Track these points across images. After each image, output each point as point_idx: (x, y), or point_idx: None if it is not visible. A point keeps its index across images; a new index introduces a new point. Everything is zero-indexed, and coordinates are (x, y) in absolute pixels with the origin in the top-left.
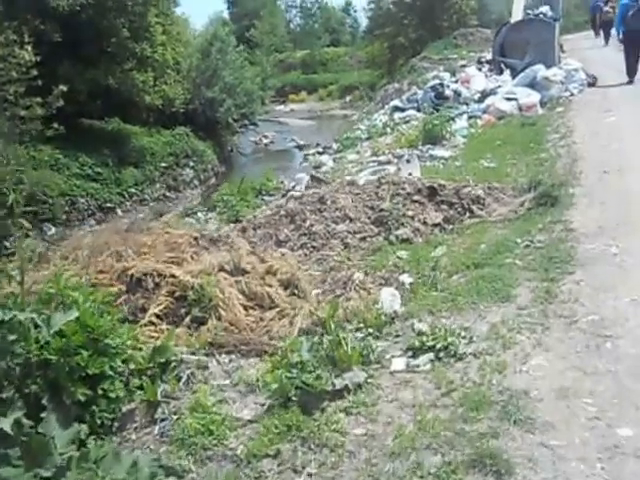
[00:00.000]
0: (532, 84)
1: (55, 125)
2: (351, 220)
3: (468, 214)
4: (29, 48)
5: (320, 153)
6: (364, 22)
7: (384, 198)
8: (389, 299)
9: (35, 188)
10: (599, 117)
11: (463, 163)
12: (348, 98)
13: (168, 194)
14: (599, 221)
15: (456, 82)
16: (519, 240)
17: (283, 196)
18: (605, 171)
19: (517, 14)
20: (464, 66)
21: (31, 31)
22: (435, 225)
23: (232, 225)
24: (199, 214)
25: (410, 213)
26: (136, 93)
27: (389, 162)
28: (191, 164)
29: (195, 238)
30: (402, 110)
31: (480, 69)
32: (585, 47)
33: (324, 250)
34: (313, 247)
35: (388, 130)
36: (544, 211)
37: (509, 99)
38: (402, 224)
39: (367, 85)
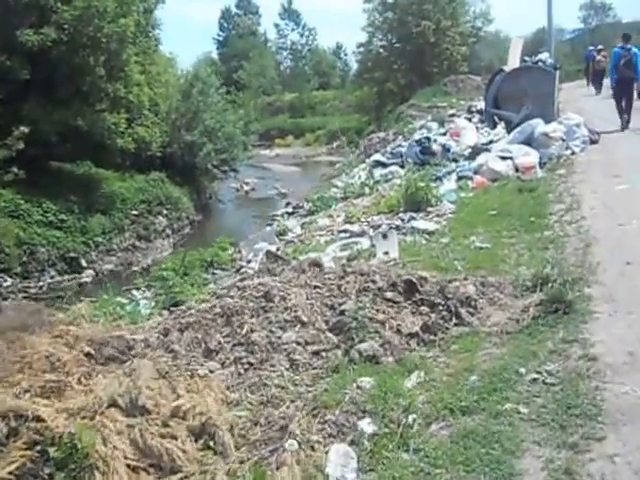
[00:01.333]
0: (529, 140)
1: (14, 169)
2: (303, 324)
3: (455, 320)
4: None
5: (290, 214)
6: (355, 65)
7: (349, 294)
8: (339, 466)
9: None
10: (608, 183)
11: (450, 240)
12: (335, 144)
13: (138, 244)
14: (628, 342)
15: (444, 134)
16: (523, 370)
17: (237, 271)
18: (628, 262)
19: (513, 61)
20: (453, 115)
21: None
22: (412, 335)
23: (165, 314)
24: (136, 292)
25: (380, 317)
26: (107, 136)
27: (363, 233)
28: (164, 212)
29: (87, 354)
30: (384, 165)
31: (470, 119)
32: (578, 96)
33: (264, 368)
34: (250, 363)
35: (366, 190)
36: (554, 322)
37: (504, 158)
38: (369, 332)
39: (354, 131)
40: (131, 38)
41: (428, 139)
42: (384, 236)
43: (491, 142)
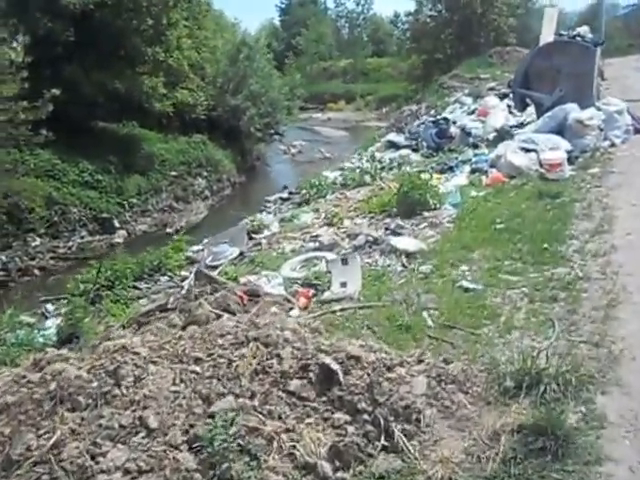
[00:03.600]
0: (561, 128)
1: (44, 131)
2: (150, 433)
3: (383, 441)
4: (18, 48)
5: (284, 200)
6: None
7: (239, 376)
8: None
9: (14, 197)
10: None
11: (433, 269)
12: (384, 110)
13: (175, 205)
14: None
15: (472, 113)
16: None
17: (182, 281)
18: None
19: (547, 35)
20: (492, 89)
21: (36, 30)
22: (309, 469)
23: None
24: (50, 307)
25: (269, 427)
26: (145, 99)
27: (333, 247)
28: (204, 174)
29: None
30: (397, 147)
31: (506, 96)
32: (628, 72)
33: None
34: None
35: (367, 178)
36: (542, 468)
37: (527, 150)
38: (242, 458)
39: (404, 98)
40: (172, 2)
41: (446, 120)
42: (344, 261)
43: (522, 125)
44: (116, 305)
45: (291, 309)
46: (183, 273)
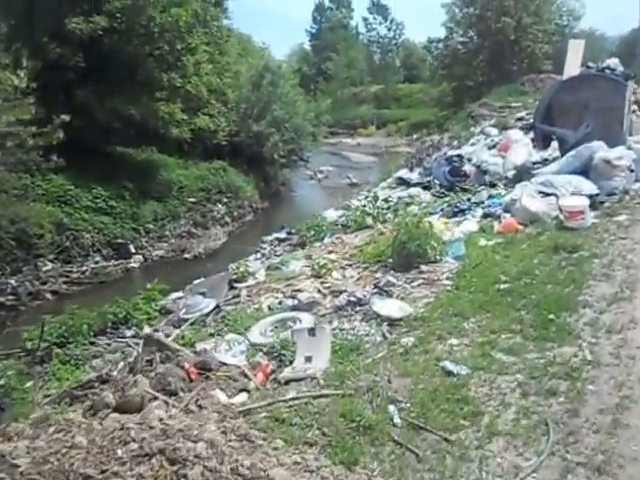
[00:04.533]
0: (585, 169)
1: (54, 157)
2: None
3: None
4: (22, 73)
5: (280, 241)
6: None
7: None
8: None
9: (22, 222)
10: None
11: (417, 342)
12: (415, 136)
13: (194, 230)
14: None
15: (493, 147)
16: None
17: (146, 339)
18: None
19: (572, 67)
20: (521, 119)
21: (44, 55)
22: None
23: None
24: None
25: None
26: (161, 125)
27: (312, 306)
28: (224, 200)
29: None
30: (408, 185)
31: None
32: None
33: None
34: None
35: (369, 221)
36: None
37: (545, 194)
38: None
39: (436, 124)
40: (186, 28)
41: (460, 157)
42: (311, 332)
43: (546, 162)
44: (65, 366)
45: (243, 390)
46: (145, 330)
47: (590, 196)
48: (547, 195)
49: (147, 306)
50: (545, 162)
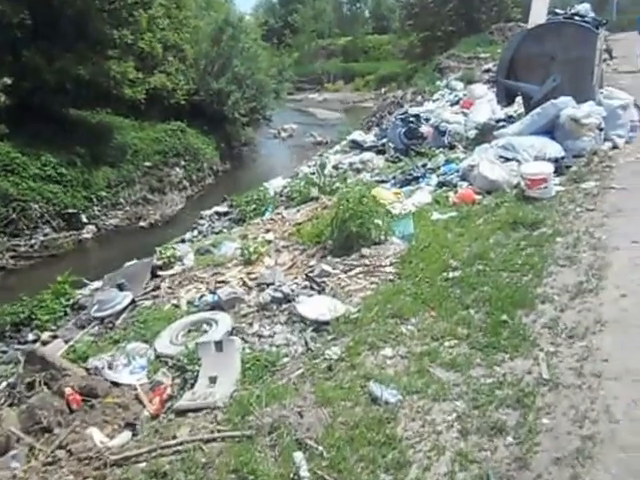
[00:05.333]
0: (551, 128)
1: None
2: None
3: None
4: None
5: (220, 215)
6: None
7: None
8: None
9: None
10: None
11: (344, 353)
12: (383, 90)
13: (150, 197)
14: None
15: (456, 103)
16: None
17: (43, 344)
18: None
19: (539, 14)
20: (488, 71)
21: None
22: None
23: None
24: None
25: None
26: (113, 85)
27: (234, 303)
28: (182, 163)
29: None
30: (361, 148)
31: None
32: None
33: None
34: None
35: (314, 192)
36: None
37: (506, 159)
38: None
39: (405, 77)
40: None
41: (417, 117)
42: (218, 346)
43: (510, 119)
44: None
45: (135, 419)
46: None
47: (556, 160)
48: (508, 160)
49: (54, 303)
50: (510, 120)
